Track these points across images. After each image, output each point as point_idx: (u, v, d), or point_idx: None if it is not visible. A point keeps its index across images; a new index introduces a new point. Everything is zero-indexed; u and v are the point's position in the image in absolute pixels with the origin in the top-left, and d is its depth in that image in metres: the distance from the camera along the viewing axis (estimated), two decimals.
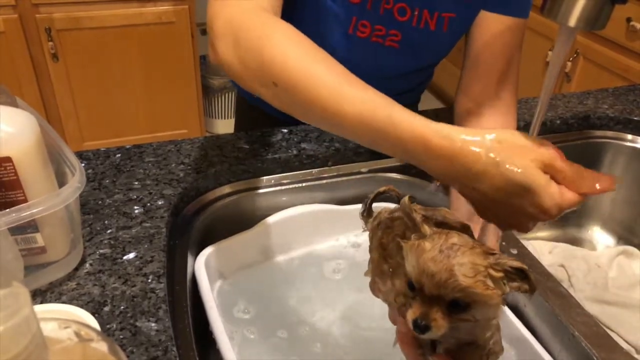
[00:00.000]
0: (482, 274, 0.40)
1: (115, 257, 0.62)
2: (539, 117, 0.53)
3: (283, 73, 0.51)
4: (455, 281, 0.40)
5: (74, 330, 0.27)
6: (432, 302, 0.42)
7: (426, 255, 0.41)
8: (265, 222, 0.79)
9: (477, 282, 0.40)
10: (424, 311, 0.42)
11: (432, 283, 0.41)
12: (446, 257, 0.40)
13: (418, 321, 0.42)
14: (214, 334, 0.61)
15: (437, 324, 0.41)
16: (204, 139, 0.84)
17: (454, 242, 0.41)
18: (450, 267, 0.40)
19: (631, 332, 0.78)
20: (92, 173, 0.75)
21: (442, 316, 0.41)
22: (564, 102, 1.03)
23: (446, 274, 0.40)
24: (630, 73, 1.78)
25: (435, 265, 0.40)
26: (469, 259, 0.40)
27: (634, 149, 0.99)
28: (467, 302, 0.41)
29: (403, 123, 0.46)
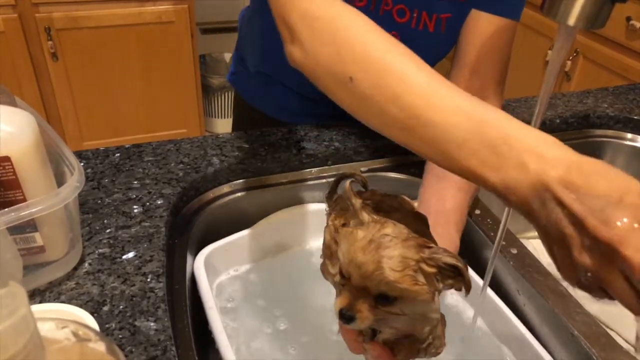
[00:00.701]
0: (412, 269, 0.39)
1: (115, 257, 0.62)
2: (539, 116, 0.52)
3: (363, 65, 0.46)
4: (382, 274, 0.39)
5: (71, 330, 0.27)
6: (359, 293, 0.41)
7: (357, 244, 0.40)
8: (264, 222, 0.79)
9: (405, 276, 0.39)
10: (350, 302, 0.41)
11: (358, 274, 0.40)
12: (375, 248, 0.39)
13: (343, 311, 0.41)
14: (213, 333, 0.61)
15: (362, 316, 0.41)
16: (203, 139, 0.84)
17: (387, 232, 0.40)
18: (379, 259, 0.39)
19: (631, 331, 0.78)
20: (91, 172, 0.75)
21: (368, 308, 0.41)
22: (564, 101, 1.03)
23: (373, 266, 0.39)
24: (630, 72, 1.78)
25: (363, 255, 0.39)
26: (399, 252, 0.39)
27: (634, 147, 0.99)
28: (394, 296, 0.40)
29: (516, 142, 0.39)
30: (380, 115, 0.46)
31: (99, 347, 0.29)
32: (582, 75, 1.98)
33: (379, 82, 0.45)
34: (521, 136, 0.39)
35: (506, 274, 0.71)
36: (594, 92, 1.08)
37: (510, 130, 0.39)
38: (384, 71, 0.45)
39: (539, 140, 0.39)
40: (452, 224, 0.64)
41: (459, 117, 0.41)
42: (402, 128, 0.44)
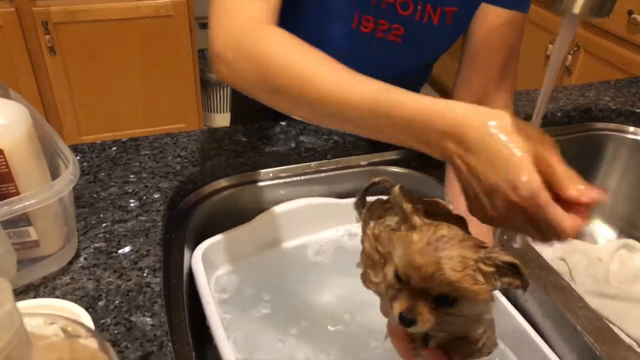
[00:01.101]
0: (471, 268, 0.39)
1: (110, 251, 0.61)
2: (541, 108, 0.52)
3: (284, 79, 0.53)
4: (442, 275, 0.39)
5: (60, 326, 0.26)
6: (418, 296, 0.40)
7: (414, 247, 0.40)
8: (263, 216, 0.78)
9: (465, 276, 0.39)
10: (410, 304, 0.40)
11: (418, 276, 0.40)
12: (434, 250, 0.39)
13: (403, 315, 0.41)
14: (211, 328, 0.60)
15: (423, 318, 0.40)
16: (201, 132, 0.83)
17: (443, 234, 0.40)
18: (438, 260, 0.39)
19: (633, 326, 0.78)
20: (87, 166, 0.74)
21: (429, 310, 0.40)
22: (566, 95, 1.02)
23: (433, 267, 0.39)
24: (631, 66, 1.77)
25: (422, 257, 0.39)
26: (457, 252, 0.39)
27: (636, 141, 0.98)
28: (454, 297, 0.40)
29: (408, 103, 0.46)
30: (313, 114, 0.55)
31: (89, 343, 0.28)
32: (583, 69, 1.96)
33: (303, 91, 0.52)
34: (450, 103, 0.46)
35: None
36: (596, 85, 1.07)
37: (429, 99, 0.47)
38: (306, 80, 0.52)
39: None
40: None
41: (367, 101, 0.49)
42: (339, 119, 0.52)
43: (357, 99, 0.49)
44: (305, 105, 0.54)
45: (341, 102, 0.50)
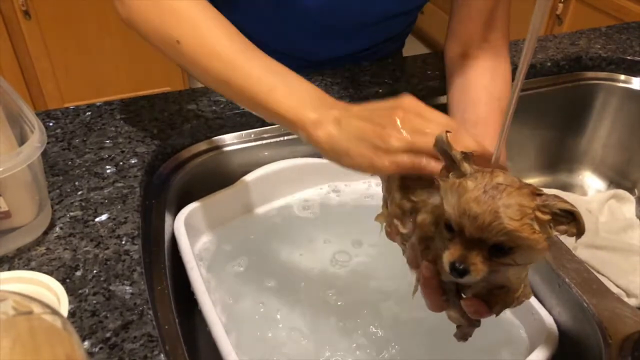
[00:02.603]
0: (529, 217, 0.37)
1: (87, 220, 0.59)
2: (526, 58, 0.49)
3: (188, 32, 0.55)
4: (501, 224, 0.37)
5: (12, 304, 0.24)
6: (472, 245, 0.39)
7: (468, 195, 0.38)
8: (246, 179, 0.76)
9: (524, 225, 0.37)
10: (463, 254, 0.39)
11: (474, 225, 0.38)
12: (491, 198, 0.37)
13: (456, 264, 0.39)
14: (196, 294, 0.59)
15: (477, 268, 0.39)
16: (178, 93, 0.80)
17: (500, 181, 0.38)
18: (496, 208, 0.37)
19: (621, 276, 0.78)
20: (61, 132, 0.72)
21: (482, 260, 0.39)
22: (555, 44, 0.99)
23: (491, 216, 0.37)
24: (623, 12, 1.73)
25: (478, 206, 0.37)
26: (515, 200, 0.37)
27: (627, 89, 0.96)
28: (510, 246, 0.38)
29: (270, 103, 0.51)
30: (204, 71, 0.55)
31: (50, 320, 0.27)
32: (574, 18, 1.92)
33: (203, 45, 0.54)
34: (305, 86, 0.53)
35: None
36: (586, 33, 1.04)
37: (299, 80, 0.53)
38: (206, 35, 0.55)
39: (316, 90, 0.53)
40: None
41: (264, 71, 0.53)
42: (221, 81, 0.54)
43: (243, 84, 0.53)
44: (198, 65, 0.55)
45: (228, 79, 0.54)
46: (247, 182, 0.76)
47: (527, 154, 1.01)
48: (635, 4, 1.72)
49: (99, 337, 0.48)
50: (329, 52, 0.88)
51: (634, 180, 0.98)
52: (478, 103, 0.65)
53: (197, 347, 0.65)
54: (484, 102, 0.65)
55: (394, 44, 0.96)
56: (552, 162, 1.02)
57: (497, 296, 0.43)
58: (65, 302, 0.48)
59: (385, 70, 0.88)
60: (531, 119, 0.96)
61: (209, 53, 0.54)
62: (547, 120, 0.98)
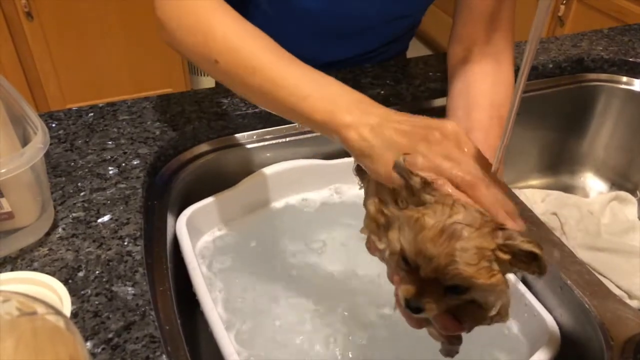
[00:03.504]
0: (487, 258, 0.36)
1: (89, 220, 0.59)
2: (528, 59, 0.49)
3: (225, 52, 0.56)
4: (456, 269, 0.36)
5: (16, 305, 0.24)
6: (427, 282, 0.38)
7: (425, 233, 0.36)
8: (248, 179, 0.76)
9: (481, 270, 0.36)
10: (417, 292, 0.38)
11: (429, 267, 0.37)
12: (447, 240, 0.36)
13: (410, 302, 0.38)
14: (197, 295, 0.59)
15: (431, 307, 0.38)
16: (181, 95, 0.80)
17: (459, 219, 0.36)
18: (452, 252, 0.35)
19: (623, 278, 0.77)
20: (63, 134, 0.72)
21: (437, 297, 0.38)
22: (557, 45, 0.99)
23: (446, 260, 0.36)
24: (624, 14, 1.73)
25: (434, 247, 0.36)
26: (473, 243, 0.36)
27: (629, 91, 0.96)
28: (466, 287, 0.37)
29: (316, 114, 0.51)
30: (243, 87, 0.57)
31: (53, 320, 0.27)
32: (575, 19, 1.92)
33: (240, 63, 0.56)
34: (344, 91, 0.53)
35: None
36: (588, 35, 1.04)
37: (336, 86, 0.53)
38: (242, 53, 0.56)
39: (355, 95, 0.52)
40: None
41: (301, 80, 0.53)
42: (261, 95, 0.56)
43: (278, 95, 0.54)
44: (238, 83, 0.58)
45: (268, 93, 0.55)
46: (249, 183, 0.76)
47: (529, 156, 1.01)
48: (638, 5, 1.72)
49: (101, 337, 0.48)
50: (332, 55, 0.88)
51: (636, 182, 0.98)
52: (477, 109, 0.64)
53: (199, 348, 0.65)
54: (483, 108, 0.64)
55: (397, 46, 0.96)
56: (554, 163, 1.02)
57: (467, 312, 0.42)
58: (68, 302, 0.48)
59: (387, 72, 0.88)
60: (533, 121, 0.96)
61: (245, 69, 0.55)
62: (549, 122, 0.98)
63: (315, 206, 0.79)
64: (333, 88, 0.52)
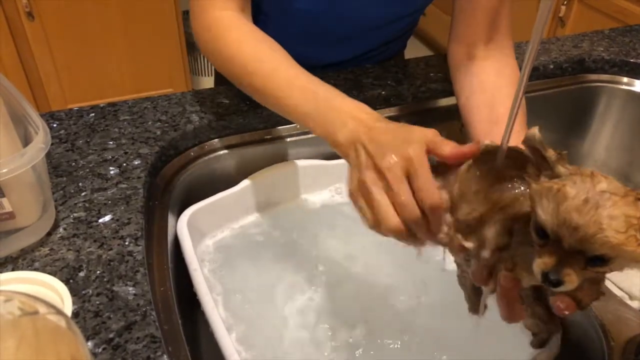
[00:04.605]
0: (634, 228, 0.35)
1: (90, 221, 0.59)
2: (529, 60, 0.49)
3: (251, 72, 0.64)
4: (605, 237, 0.34)
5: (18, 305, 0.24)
6: (568, 255, 0.36)
7: (569, 203, 0.35)
8: (249, 180, 0.76)
9: (629, 237, 0.34)
10: (558, 264, 0.37)
11: (575, 237, 0.35)
12: (594, 208, 0.34)
13: (550, 275, 0.37)
14: (198, 295, 0.59)
15: (572, 279, 0.36)
16: (182, 95, 0.80)
17: (603, 188, 0.35)
18: (600, 220, 0.34)
19: (624, 279, 0.77)
20: (64, 134, 0.72)
21: (577, 270, 0.36)
22: (558, 46, 0.99)
23: (594, 229, 0.34)
24: (625, 15, 1.73)
25: (580, 216, 0.34)
26: (621, 211, 0.34)
27: (630, 92, 0.96)
28: (610, 257, 0.36)
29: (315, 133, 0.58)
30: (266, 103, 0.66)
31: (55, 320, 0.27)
32: (576, 20, 1.92)
33: (265, 83, 0.63)
34: (342, 104, 0.57)
35: None
36: (590, 36, 1.04)
37: (335, 101, 0.57)
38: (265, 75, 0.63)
39: (355, 106, 0.56)
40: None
41: (304, 96, 0.60)
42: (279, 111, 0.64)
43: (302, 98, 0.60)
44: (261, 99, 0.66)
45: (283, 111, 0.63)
46: (251, 183, 0.76)
47: None
48: (639, 6, 1.72)
49: (102, 337, 0.48)
50: (332, 57, 0.89)
51: (636, 183, 0.98)
52: (500, 104, 0.66)
53: (200, 348, 0.65)
54: (500, 102, 0.66)
55: (396, 45, 0.96)
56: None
57: (583, 290, 0.40)
58: (69, 302, 0.48)
59: (388, 73, 0.88)
60: (534, 121, 0.96)
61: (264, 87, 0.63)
62: (549, 123, 0.98)
63: (316, 207, 0.79)
64: (330, 107, 0.57)
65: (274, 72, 0.63)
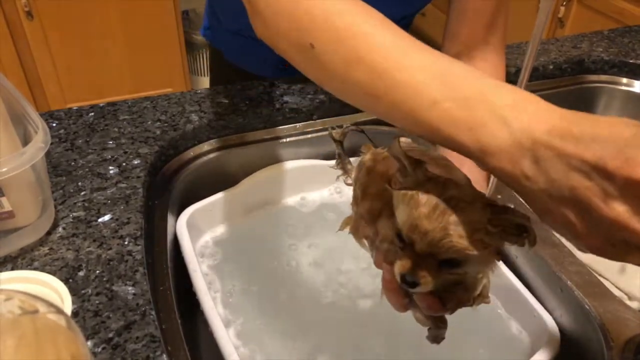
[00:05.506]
0: (480, 232, 0.37)
1: (90, 220, 0.59)
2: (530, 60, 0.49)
3: (323, 31, 0.43)
4: (450, 242, 0.37)
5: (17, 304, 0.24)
6: (422, 257, 0.39)
7: (420, 210, 0.37)
8: (249, 180, 0.76)
9: (474, 242, 0.37)
10: (413, 266, 0.39)
11: (424, 242, 0.37)
12: (441, 214, 0.37)
13: (406, 277, 0.39)
14: (198, 295, 0.59)
15: (426, 280, 0.39)
16: (181, 95, 0.80)
17: (452, 194, 0.37)
18: (445, 226, 0.36)
19: (623, 279, 0.77)
20: (64, 133, 0.72)
21: (432, 272, 0.39)
22: (557, 47, 0.99)
23: (440, 234, 0.37)
24: (625, 16, 1.73)
25: (429, 223, 0.37)
26: (466, 217, 0.37)
27: (629, 92, 0.96)
28: (460, 260, 0.38)
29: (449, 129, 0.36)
30: (344, 81, 0.43)
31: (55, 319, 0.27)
32: (576, 21, 1.92)
33: (341, 46, 0.42)
34: (496, 92, 0.35)
35: None
36: (589, 36, 1.04)
37: (482, 86, 0.36)
38: (345, 34, 0.42)
39: (517, 95, 0.35)
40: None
41: (427, 76, 0.38)
42: (367, 93, 0.41)
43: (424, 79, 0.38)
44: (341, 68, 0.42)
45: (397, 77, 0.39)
46: (250, 183, 0.76)
47: None
48: (638, 7, 1.72)
49: (101, 337, 0.48)
50: None
51: None
52: None
53: (199, 347, 0.65)
54: None
55: None
56: None
57: (452, 293, 0.43)
58: (69, 302, 0.48)
59: None
60: None
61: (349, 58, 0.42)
62: None
63: (315, 206, 0.79)
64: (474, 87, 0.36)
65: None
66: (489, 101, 0.35)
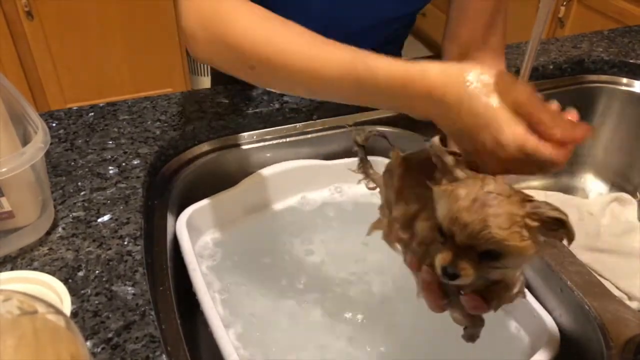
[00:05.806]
0: (518, 225, 0.38)
1: (90, 220, 0.59)
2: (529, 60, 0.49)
3: (255, 56, 0.52)
4: (489, 233, 0.38)
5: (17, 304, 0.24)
6: (462, 250, 0.40)
7: (459, 203, 0.39)
8: (249, 180, 0.76)
9: (512, 233, 0.38)
10: (454, 258, 0.40)
11: (464, 234, 0.39)
12: (480, 207, 0.38)
13: (447, 269, 0.40)
14: (197, 295, 0.59)
15: (467, 272, 0.40)
16: (181, 95, 0.80)
17: (490, 189, 0.39)
18: (485, 217, 0.38)
19: (623, 279, 0.78)
20: (64, 133, 0.72)
21: (472, 264, 0.40)
22: (557, 46, 0.99)
23: (480, 225, 0.38)
24: (625, 16, 1.73)
25: (468, 215, 0.38)
26: (505, 209, 0.38)
27: (629, 93, 0.96)
28: (500, 252, 0.39)
29: (380, 70, 0.46)
30: (289, 87, 0.57)
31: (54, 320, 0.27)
32: (576, 21, 1.92)
33: (275, 65, 0.51)
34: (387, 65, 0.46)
35: None
36: (589, 36, 1.04)
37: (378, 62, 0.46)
38: (274, 56, 0.51)
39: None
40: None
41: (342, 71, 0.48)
42: (309, 91, 0.55)
43: (331, 71, 0.49)
44: (281, 79, 0.54)
45: (315, 75, 0.50)
46: (249, 183, 0.76)
47: None
48: (638, 7, 1.72)
49: (101, 337, 0.48)
50: None
51: (636, 184, 0.98)
52: None
53: (199, 348, 0.65)
54: None
55: (394, 46, 0.96)
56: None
57: (494, 292, 0.44)
58: (68, 302, 0.48)
59: None
60: None
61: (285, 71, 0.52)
62: None
63: (316, 206, 0.79)
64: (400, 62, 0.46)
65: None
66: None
